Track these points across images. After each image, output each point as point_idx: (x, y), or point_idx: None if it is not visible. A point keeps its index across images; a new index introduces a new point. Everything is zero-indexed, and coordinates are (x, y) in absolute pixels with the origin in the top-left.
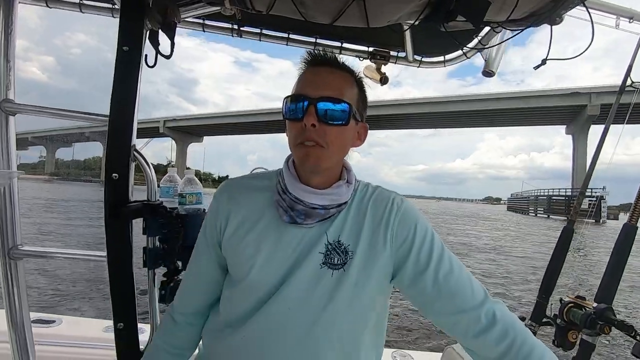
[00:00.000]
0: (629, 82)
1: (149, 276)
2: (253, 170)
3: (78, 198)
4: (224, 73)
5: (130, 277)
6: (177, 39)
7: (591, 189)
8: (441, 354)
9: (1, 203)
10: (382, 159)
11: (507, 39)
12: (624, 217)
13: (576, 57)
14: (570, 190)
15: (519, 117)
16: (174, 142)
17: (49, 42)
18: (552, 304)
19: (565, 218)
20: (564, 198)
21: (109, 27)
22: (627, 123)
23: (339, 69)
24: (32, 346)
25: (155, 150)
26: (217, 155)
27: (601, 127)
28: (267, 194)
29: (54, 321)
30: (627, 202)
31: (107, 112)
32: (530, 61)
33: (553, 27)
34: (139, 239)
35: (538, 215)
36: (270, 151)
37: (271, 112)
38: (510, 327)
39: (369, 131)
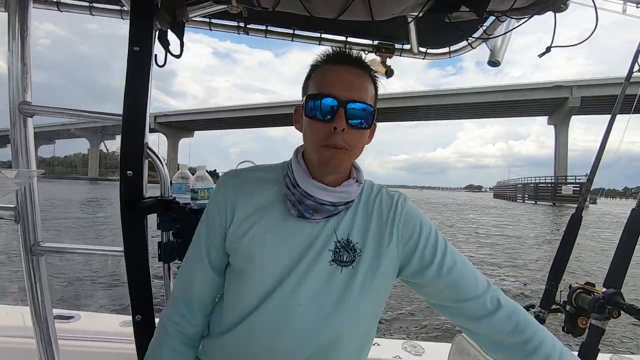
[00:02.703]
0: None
1: (164, 270)
2: (239, 164)
3: (76, 198)
4: (202, 64)
5: (147, 270)
6: None
7: (575, 176)
8: (451, 343)
9: (22, 201)
10: (365, 150)
11: (513, 29)
12: (604, 201)
13: (580, 43)
14: (553, 177)
15: (504, 108)
16: (162, 136)
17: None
18: (561, 291)
19: (552, 204)
20: (549, 185)
21: (79, 17)
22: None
23: (363, 68)
24: (55, 341)
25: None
26: (198, 149)
27: (581, 118)
28: (274, 187)
29: (72, 317)
30: (599, 187)
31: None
32: (509, 51)
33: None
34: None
35: (526, 201)
36: (252, 144)
37: (264, 106)
38: (513, 311)
39: None
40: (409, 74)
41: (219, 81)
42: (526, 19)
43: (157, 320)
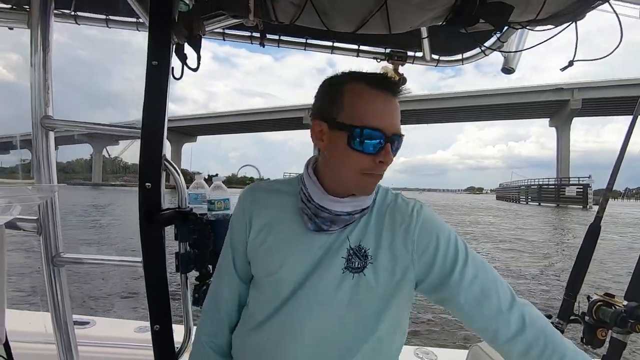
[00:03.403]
0: None
1: (182, 280)
2: (241, 168)
3: (86, 202)
4: (202, 69)
5: (165, 281)
6: None
7: (578, 177)
8: (467, 351)
9: (45, 214)
10: None
11: (527, 36)
12: (609, 203)
13: (605, 57)
14: (556, 179)
15: (505, 111)
16: (166, 141)
17: None
18: (579, 302)
19: (555, 205)
20: (553, 187)
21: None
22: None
23: (399, 97)
24: (75, 347)
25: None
26: (198, 154)
27: (582, 120)
28: (290, 198)
29: (88, 322)
30: (601, 188)
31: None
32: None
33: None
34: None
35: (529, 203)
36: (252, 148)
37: (268, 111)
38: (540, 333)
39: None
40: (408, 76)
41: (219, 85)
42: (544, 30)
43: (174, 329)
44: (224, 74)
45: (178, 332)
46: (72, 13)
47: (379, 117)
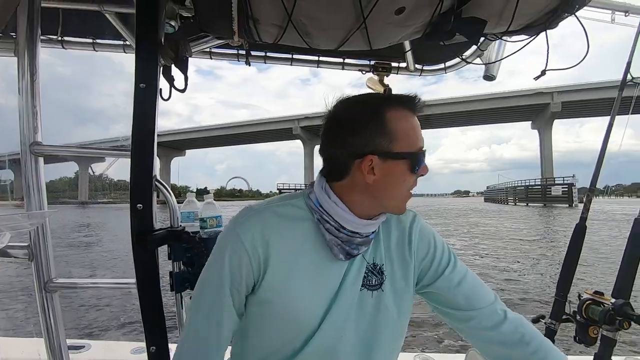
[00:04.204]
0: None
1: (177, 299)
2: (229, 180)
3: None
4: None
5: (160, 301)
6: None
7: (563, 177)
8: (464, 355)
9: (35, 239)
10: None
11: (505, 44)
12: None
13: (574, 66)
14: (541, 179)
15: (490, 115)
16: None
17: None
18: (569, 301)
19: (542, 204)
20: (539, 187)
21: None
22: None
23: None
24: None
25: (123, 165)
26: (185, 167)
27: (569, 123)
28: (306, 225)
29: (83, 346)
30: (585, 187)
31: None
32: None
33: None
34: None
35: (517, 204)
36: (238, 159)
37: (258, 123)
38: (519, 324)
39: None
40: (391, 84)
41: (203, 98)
42: (520, 41)
43: (171, 349)
44: (208, 86)
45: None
46: (59, 38)
47: (420, 137)
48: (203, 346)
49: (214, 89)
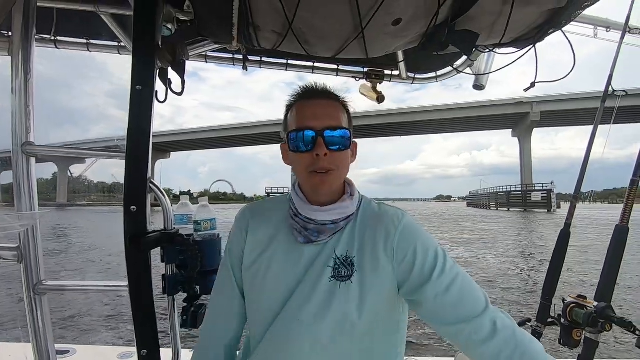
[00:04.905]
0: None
1: (169, 302)
2: (213, 183)
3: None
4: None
5: (152, 304)
6: None
7: (542, 184)
8: (452, 359)
9: (25, 241)
10: None
11: (495, 55)
12: (565, 205)
13: (562, 79)
14: (521, 185)
15: (471, 123)
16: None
17: None
18: (555, 305)
19: (523, 209)
20: (520, 193)
21: None
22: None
23: (332, 99)
24: None
25: (102, 166)
26: (167, 170)
27: (545, 131)
28: (281, 216)
29: (68, 351)
30: (561, 192)
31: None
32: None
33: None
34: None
35: (499, 209)
36: (221, 162)
37: (246, 126)
38: (510, 337)
39: None
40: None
41: (186, 100)
42: (509, 53)
43: (162, 353)
44: (192, 88)
45: (166, 356)
46: (52, 38)
47: (308, 118)
48: (220, 318)
49: (198, 90)
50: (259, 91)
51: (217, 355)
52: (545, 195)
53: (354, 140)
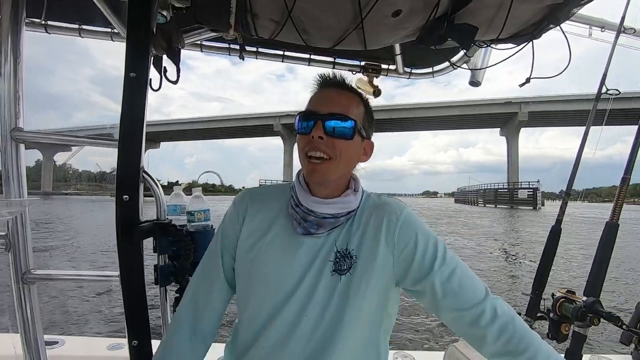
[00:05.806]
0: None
1: (161, 293)
2: (201, 174)
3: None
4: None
5: (143, 294)
6: None
7: (529, 182)
8: (444, 352)
9: (14, 229)
10: None
11: (491, 52)
12: (551, 204)
13: (557, 75)
14: (507, 183)
15: (461, 121)
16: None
17: None
18: (544, 299)
19: (509, 207)
20: (507, 190)
21: None
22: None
23: (347, 90)
24: None
25: (85, 154)
26: (153, 160)
27: (530, 130)
28: (281, 204)
29: (57, 342)
30: (544, 191)
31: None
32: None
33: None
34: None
35: (487, 205)
36: (208, 153)
37: (240, 118)
38: (510, 322)
39: None
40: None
41: (174, 88)
42: (505, 49)
43: (154, 344)
44: (180, 77)
45: (156, 347)
46: (43, 22)
47: (315, 103)
48: (198, 305)
49: (186, 79)
50: (249, 82)
51: (183, 347)
52: (532, 193)
53: (370, 140)
